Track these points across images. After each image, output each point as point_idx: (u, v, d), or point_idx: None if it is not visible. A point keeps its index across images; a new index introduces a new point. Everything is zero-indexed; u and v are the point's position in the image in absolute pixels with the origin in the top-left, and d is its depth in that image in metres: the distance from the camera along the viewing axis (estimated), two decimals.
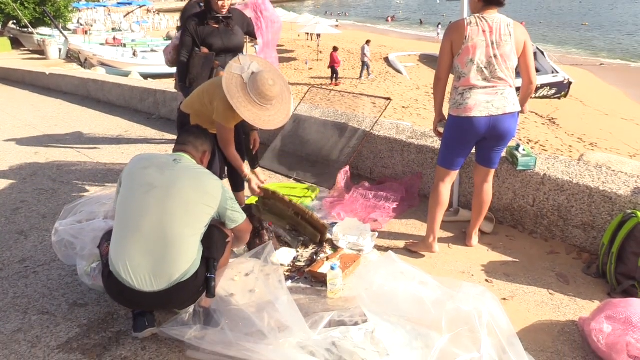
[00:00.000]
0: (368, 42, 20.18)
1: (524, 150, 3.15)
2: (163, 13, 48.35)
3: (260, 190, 3.05)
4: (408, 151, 3.82)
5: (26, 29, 24.67)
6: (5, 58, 18.41)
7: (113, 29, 31.23)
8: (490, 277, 2.72)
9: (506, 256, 2.94)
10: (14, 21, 26.01)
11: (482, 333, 1.98)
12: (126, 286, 2.01)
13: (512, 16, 2.69)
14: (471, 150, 2.83)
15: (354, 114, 4.65)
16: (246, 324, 2.10)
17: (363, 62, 19.82)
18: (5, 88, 10.80)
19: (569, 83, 16.20)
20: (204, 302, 2.22)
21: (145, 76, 14.87)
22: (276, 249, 2.86)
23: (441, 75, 2.73)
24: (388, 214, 3.39)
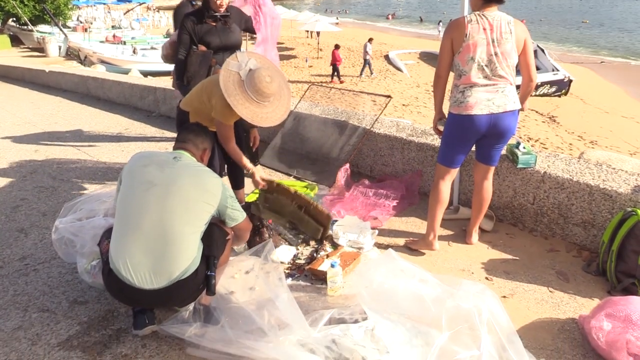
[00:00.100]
0: (370, 40, 20.06)
1: (524, 148, 3.15)
2: (163, 10, 48.13)
3: (264, 182, 3.05)
4: (408, 149, 3.82)
5: (26, 27, 24.62)
6: (4, 55, 18.40)
7: (113, 27, 31.20)
8: (490, 275, 2.72)
9: (506, 254, 2.94)
10: (14, 19, 25.99)
11: (482, 331, 1.98)
12: (126, 284, 2.01)
13: (513, 14, 2.68)
14: (471, 148, 2.82)
15: (354, 112, 4.65)
16: (246, 322, 2.11)
17: (365, 60, 19.72)
18: (4, 86, 10.79)
19: (570, 81, 16.20)
20: (204, 300, 2.22)
21: (145, 74, 14.89)
22: (276, 247, 2.86)
23: (441, 73, 2.72)
24: (388, 212, 3.39)
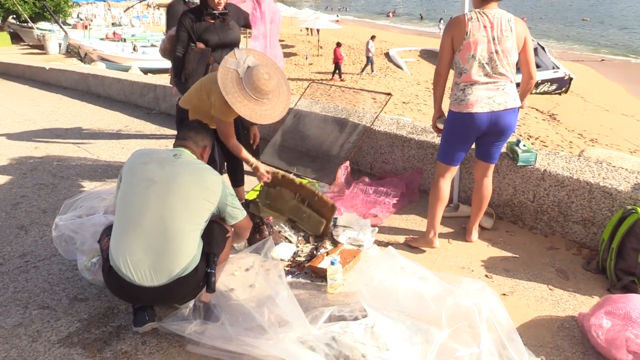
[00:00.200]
0: (373, 38, 20.01)
1: (525, 145, 3.15)
2: (163, 8, 47.92)
3: (269, 174, 3.05)
4: (408, 146, 3.82)
5: (26, 24, 24.58)
6: (5, 53, 18.34)
7: (113, 24, 31.11)
8: (490, 273, 2.72)
9: (506, 252, 2.94)
10: (14, 16, 25.91)
11: (482, 328, 1.98)
12: (126, 281, 2.01)
13: (513, 11, 2.68)
14: (471, 145, 2.82)
15: (354, 109, 4.64)
16: (246, 319, 2.11)
17: (367, 58, 19.67)
18: (5, 83, 10.78)
19: (570, 79, 16.20)
20: (204, 297, 2.23)
21: (145, 71, 14.85)
22: (276, 244, 2.86)
23: (441, 70, 2.72)
24: (388, 209, 3.39)
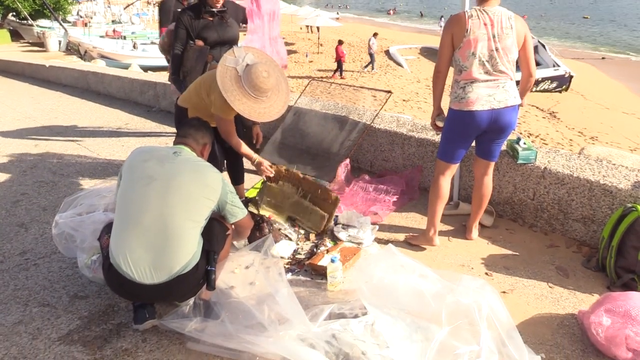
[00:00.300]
0: (375, 35, 20.03)
1: (525, 143, 3.15)
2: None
3: (272, 169, 3.06)
4: (408, 144, 3.81)
5: (26, 21, 24.55)
6: (4, 50, 18.33)
7: (113, 21, 31.07)
8: (490, 270, 2.72)
9: (506, 249, 2.94)
10: (14, 13, 25.89)
11: (482, 326, 1.98)
12: (126, 278, 2.01)
13: (514, 9, 2.67)
14: (471, 143, 2.82)
15: (355, 107, 4.63)
16: (246, 317, 2.11)
17: (370, 55, 19.68)
18: (4, 80, 10.77)
19: (570, 77, 16.19)
20: (204, 295, 2.23)
21: (145, 68, 14.81)
22: (276, 242, 2.86)
23: (441, 68, 2.71)
24: (388, 207, 3.39)
